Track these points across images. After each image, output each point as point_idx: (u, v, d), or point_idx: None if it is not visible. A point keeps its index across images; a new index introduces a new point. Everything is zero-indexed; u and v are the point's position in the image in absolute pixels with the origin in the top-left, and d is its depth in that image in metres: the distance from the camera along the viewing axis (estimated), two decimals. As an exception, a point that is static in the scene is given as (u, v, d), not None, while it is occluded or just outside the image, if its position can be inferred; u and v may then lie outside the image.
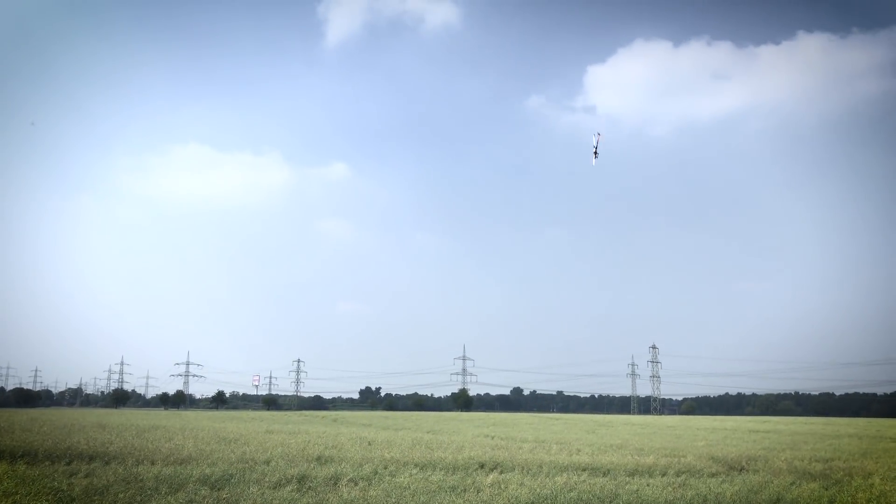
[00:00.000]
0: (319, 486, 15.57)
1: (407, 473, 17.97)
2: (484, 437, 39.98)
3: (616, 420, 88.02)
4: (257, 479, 15.75)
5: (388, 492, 14.53)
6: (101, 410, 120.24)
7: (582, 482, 17.42)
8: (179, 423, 46.69)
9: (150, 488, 13.78)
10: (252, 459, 19.74)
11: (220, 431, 34.15)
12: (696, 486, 17.21)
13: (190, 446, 22.89)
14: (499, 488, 15.83)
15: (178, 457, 19.58)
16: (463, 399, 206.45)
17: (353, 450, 24.42)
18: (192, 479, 15.08)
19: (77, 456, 19.15)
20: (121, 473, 15.60)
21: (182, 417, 67.05)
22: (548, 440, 37.16)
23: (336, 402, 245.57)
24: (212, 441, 26.48)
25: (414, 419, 79.60)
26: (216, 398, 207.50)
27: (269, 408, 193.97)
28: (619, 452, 28.19)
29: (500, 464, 21.45)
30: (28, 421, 38.45)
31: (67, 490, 12.82)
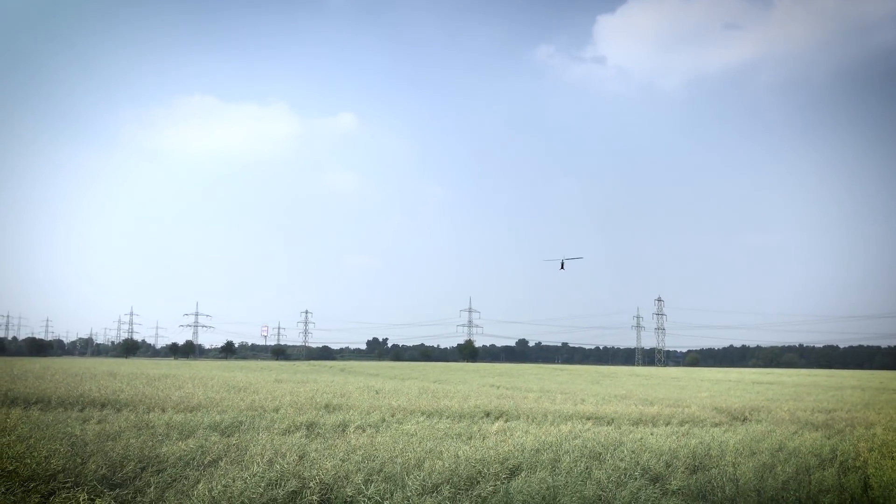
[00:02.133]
0: (328, 432, 15.81)
1: (414, 421, 18.21)
2: (489, 386, 40.42)
3: (620, 371, 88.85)
4: (267, 426, 16.00)
5: (395, 438, 14.74)
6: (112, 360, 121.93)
7: (586, 430, 17.62)
8: (189, 372, 47.31)
9: (162, 434, 14.02)
10: (261, 407, 20.03)
11: (229, 380, 34.61)
12: (699, 435, 17.39)
13: (200, 394, 23.22)
14: (504, 435, 16.04)
15: (188, 404, 19.88)
16: (469, 350, 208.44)
17: (361, 398, 24.74)
18: (202, 426, 15.33)
19: (89, 403, 19.47)
20: (132, 420, 15.87)
21: (191, 367, 67.93)
22: (552, 390, 37.56)
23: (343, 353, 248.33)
24: (221, 390, 26.85)
25: (420, 369, 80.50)
26: (225, 348, 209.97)
27: (278, 358, 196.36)
28: (623, 402, 28.47)
29: (506, 412, 21.73)
30: (41, 369, 39.03)
31: (81, 435, 13.04)
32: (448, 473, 11.22)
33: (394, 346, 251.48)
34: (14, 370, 36.12)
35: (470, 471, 11.60)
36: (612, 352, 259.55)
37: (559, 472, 12.00)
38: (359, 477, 10.49)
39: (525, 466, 12.41)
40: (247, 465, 11.02)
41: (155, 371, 44.68)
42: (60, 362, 70.94)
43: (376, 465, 11.51)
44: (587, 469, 12.45)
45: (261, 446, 12.68)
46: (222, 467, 10.87)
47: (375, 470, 11.17)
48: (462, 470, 11.53)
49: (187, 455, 11.63)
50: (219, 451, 12.11)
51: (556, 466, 12.53)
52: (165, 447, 12.18)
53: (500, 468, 11.94)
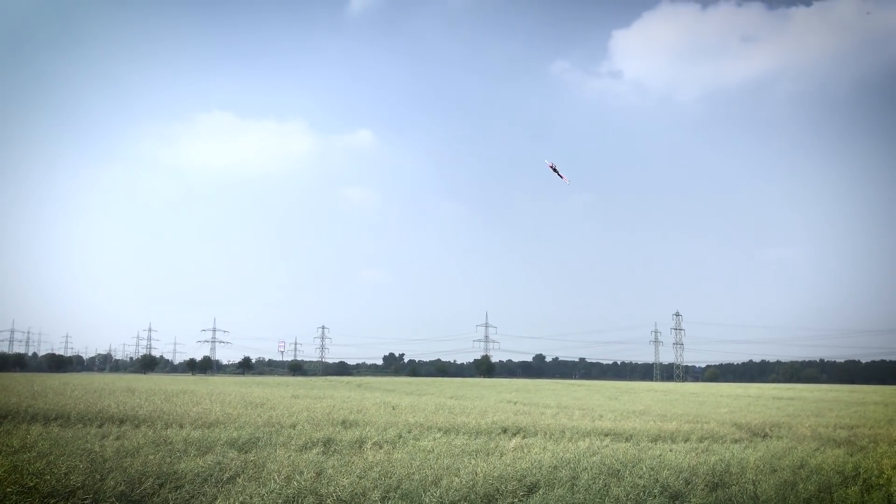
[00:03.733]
0: (345, 449, 15.80)
1: (431, 437, 18.16)
2: (506, 402, 40.23)
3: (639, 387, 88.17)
4: (284, 442, 16.00)
5: (412, 455, 14.70)
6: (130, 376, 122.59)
7: (605, 447, 17.49)
8: (206, 388, 47.49)
9: (180, 450, 14.06)
10: (278, 423, 20.05)
11: (246, 396, 34.68)
12: (719, 452, 17.22)
13: (217, 410, 23.28)
14: (522, 452, 15.95)
15: (206, 420, 19.93)
16: (485, 366, 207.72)
17: (378, 414, 24.71)
18: (219, 442, 15.37)
19: (108, 419, 19.57)
20: (151, 436, 15.93)
21: (209, 383, 68.17)
22: (570, 406, 37.31)
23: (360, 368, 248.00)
24: (239, 405, 26.90)
25: (437, 385, 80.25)
26: (242, 364, 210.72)
27: (295, 373, 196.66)
28: (641, 418, 28.25)
29: (523, 429, 21.61)
30: (60, 385, 39.34)
31: (100, 451, 13.11)
32: (465, 490, 11.17)
33: (410, 362, 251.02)
34: (34, 386, 36.41)
35: (487, 488, 11.55)
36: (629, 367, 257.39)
37: (577, 490, 11.92)
38: (376, 494, 10.47)
39: (543, 483, 12.33)
40: (264, 481, 11.04)
41: (173, 387, 44.87)
42: (79, 378, 71.43)
43: (393, 481, 11.49)
44: (605, 486, 12.35)
45: (278, 463, 12.69)
46: (240, 484, 10.89)
47: (393, 487, 11.15)
48: (479, 487, 11.48)
49: (205, 471, 11.66)
50: (236, 468, 12.14)
51: (574, 483, 12.45)
52: (183, 463, 12.22)
53: (518, 485, 11.88)
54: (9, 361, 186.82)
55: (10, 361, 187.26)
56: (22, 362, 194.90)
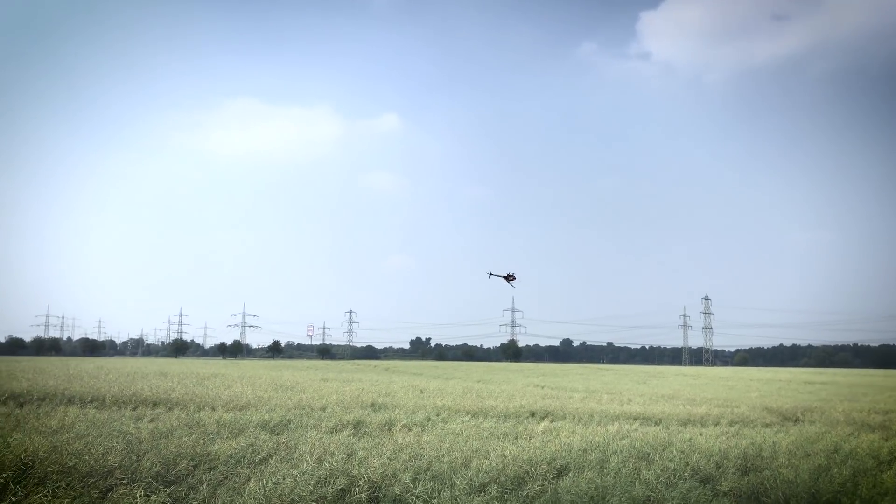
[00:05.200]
0: (374, 431, 15.92)
1: (459, 420, 18.23)
2: (534, 386, 40.25)
3: (667, 371, 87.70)
4: (314, 425, 16.16)
5: (441, 437, 14.77)
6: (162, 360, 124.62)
7: (634, 431, 17.44)
8: (237, 371, 48.09)
9: (213, 432, 14.26)
10: (309, 406, 20.25)
11: (276, 379, 35.07)
12: (750, 436, 17.08)
13: (248, 393, 23.57)
14: (550, 435, 15.96)
15: (238, 403, 20.19)
16: (512, 350, 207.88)
17: (406, 397, 24.85)
18: (251, 424, 15.56)
19: (142, 402, 19.91)
20: (184, 418, 16.17)
21: (240, 366, 69.04)
22: (598, 390, 37.24)
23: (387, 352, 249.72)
24: (269, 388, 27.21)
25: (464, 369, 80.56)
26: (272, 348, 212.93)
27: (323, 357, 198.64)
28: (670, 402, 28.11)
29: (551, 412, 21.61)
30: (94, 369, 40.09)
31: (135, 433, 13.34)
32: (495, 473, 11.21)
33: (437, 346, 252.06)
34: (70, 369, 37.14)
35: (517, 470, 11.57)
36: (658, 351, 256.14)
37: (607, 473, 11.90)
38: (406, 475, 10.54)
39: (573, 466, 12.33)
40: (296, 463, 11.16)
41: (204, 370, 45.49)
42: (113, 362, 72.74)
43: (423, 463, 11.56)
44: (636, 470, 12.33)
45: (310, 444, 12.82)
46: (272, 465, 11.03)
47: (423, 469, 11.22)
48: (509, 469, 11.51)
49: (238, 453, 11.82)
50: (269, 450, 12.29)
51: (604, 467, 12.43)
52: (216, 445, 12.40)
53: (548, 468, 11.89)
54: (45, 346, 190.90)
55: (45, 346, 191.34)
56: (57, 347, 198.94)
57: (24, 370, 33.58)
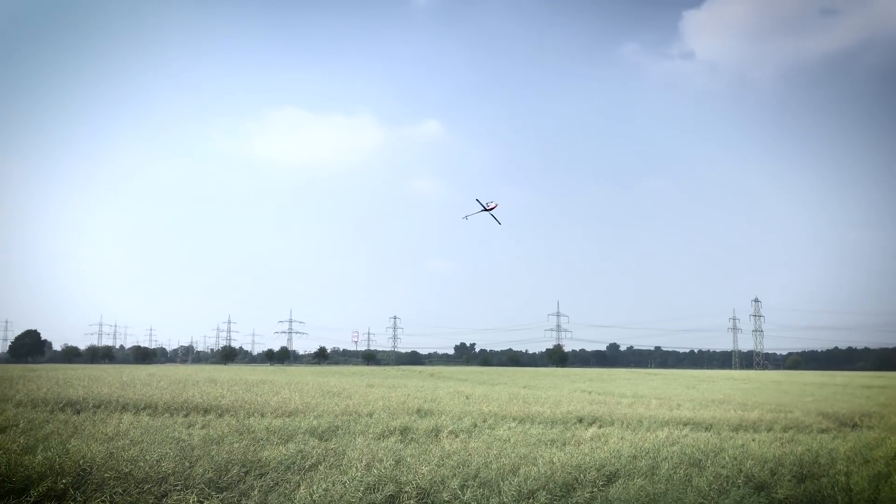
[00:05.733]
0: (421, 437, 15.95)
1: (506, 427, 18.16)
2: (581, 392, 39.89)
3: (717, 375, 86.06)
4: (362, 431, 16.27)
5: (488, 444, 14.73)
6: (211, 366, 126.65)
7: (684, 436, 17.17)
8: (285, 377, 48.63)
9: (262, 439, 14.46)
10: (356, 412, 20.39)
11: (323, 385, 35.38)
12: (805, 442, 16.67)
13: (296, 399, 23.82)
14: (599, 441, 15.80)
15: (286, 409, 20.43)
16: (558, 355, 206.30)
17: (452, 403, 24.85)
18: (300, 431, 15.72)
19: (193, 408, 20.27)
20: (234, 425, 16.42)
21: (287, 373, 69.80)
22: (646, 395, 36.73)
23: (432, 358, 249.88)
24: (316, 395, 27.47)
25: (509, 374, 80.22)
26: (318, 354, 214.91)
27: (369, 363, 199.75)
28: (721, 407, 27.60)
29: (599, 418, 21.38)
30: (147, 376, 40.94)
31: (187, 439, 13.59)
32: (544, 480, 11.13)
33: (482, 351, 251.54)
34: (123, 377, 37.98)
35: (566, 477, 11.48)
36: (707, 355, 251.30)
37: (658, 480, 11.73)
38: (454, 482, 10.54)
39: (622, 473, 12.18)
40: (345, 469, 11.24)
41: (253, 377, 46.12)
42: (164, 369, 74.24)
43: (471, 470, 11.53)
44: (687, 476, 12.13)
45: (358, 451, 12.90)
46: (322, 471, 11.13)
47: (471, 475, 11.19)
48: (558, 476, 11.42)
49: (288, 459, 11.95)
50: (318, 456, 12.40)
51: (654, 473, 12.26)
52: (266, 451, 12.56)
53: (597, 475, 11.77)
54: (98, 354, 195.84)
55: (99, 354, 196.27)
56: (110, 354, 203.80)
57: (79, 378, 34.46)
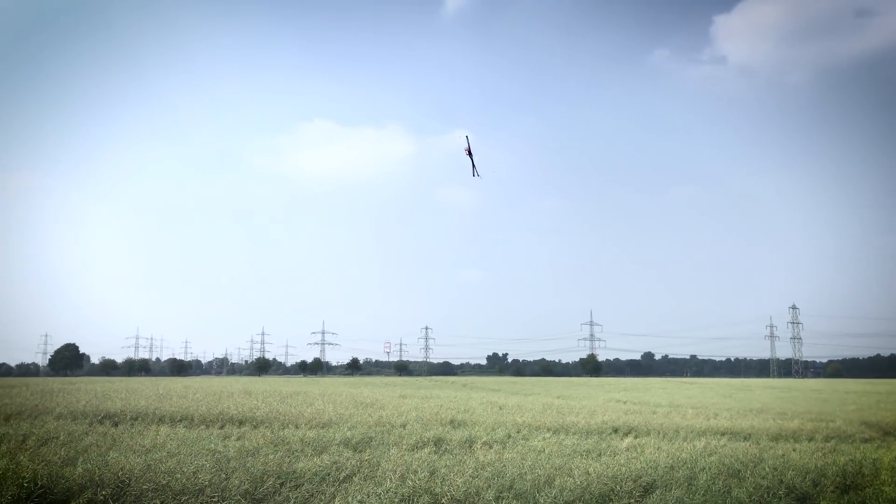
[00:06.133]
0: (455, 448, 15.89)
1: (540, 437, 18.02)
2: (615, 402, 39.48)
3: (754, 384, 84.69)
4: (396, 442, 16.26)
5: (522, 455, 14.63)
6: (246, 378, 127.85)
7: (722, 446, 16.89)
8: (318, 389, 48.86)
9: (297, 450, 14.51)
10: (389, 423, 20.39)
11: (356, 396, 35.47)
12: (848, 452, 16.29)
13: (330, 411, 23.90)
14: (635, 452, 15.60)
15: (320, 421, 20.50)
16: (591, 364, 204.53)
17: (485, 414, 24.74)
18: (334, 442, 15.76)
19: (228, 420, 20.45)
20: (269, 436, 16.51)
21: (320, 384, 70.14)
22: (683, 405, 36.24)
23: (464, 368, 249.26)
24: (350, 406, 27.54)
25: (542, 384, 79.70)
26: (350, 365, 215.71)
27: (401, 373, 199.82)
28: (759, 417, 27.12)
29: (635, 428, 21.14)
30: (182, 388, 41.41)
31: (223, 451, 13.70)
32: (580, 491, 11.02)
33: (514, 361, 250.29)
34: (159, 389, 38.47)
35: (602, 488, 11.35)
36: (744, 364, 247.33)
37: (696, 491, 11.55)
38: (490, 493, 10.47)
39: (659, 484, 12.01)
40: (379, 480, 11.24)
41: (287, 388, 46.41)
42: (199, 381, 75.02)
43: (506, 481, 11.46)
44: (726, 487, 11.92)
45: (392, 462, 12.89)
46: (356, 483, 11.14)
47: (506, 487, 11.12)
48: (594, 487, 11.30)
49: (322, 471, 11.98)
50: (352, 467, 12.41)
51: (692, 484, 12.07)
52: (301, 463, 12.60)
53: (634, 486, 11.62)
54: (135, 367, 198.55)
55: (135, 367, 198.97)
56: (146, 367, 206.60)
57: (117, 390, 34.98)
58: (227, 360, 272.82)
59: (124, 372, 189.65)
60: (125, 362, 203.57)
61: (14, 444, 14.19)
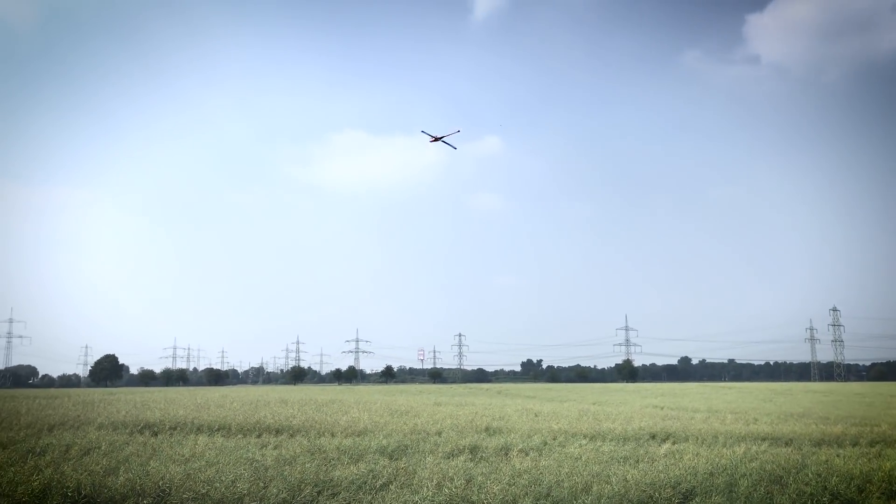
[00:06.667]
0: (491, 456, 15.83)
1: (577, 444, 17.88)
2: (652, 407, 39.01)
3: (795, 388, 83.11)
4: (431, 450, 16.25)
5: (559, 462, 14.52)
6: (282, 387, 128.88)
7: (763, 452, 16.59)
8: (353, 397, 49.08)
9: (333, 458, 14.59)
10: (424, 431, 20.39)
11: (391, 404, 35.53)
12: (894, 457, 15.86)
13: (365, 419, 23.99)
14: (674, 458, 15.39)
15: (356, 429, 20.58)
16: (627, 370, 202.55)
17: (521, 421, 24.62)
18: (370, 450, 15.82)
19: (265, 429, 20.63)
20: (305, 445, 16.63)
21: (355, 392, 70.44)
22: (721, 410, 35.69)
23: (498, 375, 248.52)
24: (385, 414, 27.60)
25: (578, 391, 79.09)
26: (385, 372, 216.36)
27: (435, 381, 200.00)
28: (801, 422, 26.60)
29: (672, 434, 20.87)
30: (219, 398, 41.90)
31: (261, 460, 13.83)
32: (618, 498, 10.90)
33: (549, 368, 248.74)
34: (197, 399, 38.97)
35: (640, 495, 11.22)
36: (783, 367, 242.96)
37: (737, 497, 11.38)
38: (527, 501, 10.42)
39: (699, 491, 11.84)
40: (416, 488, 11.24)
41: (322, 397, 46.68)
42: (236, 391, 75.85)
43: (543, 489, 11.38)
44: (768, 494, 11.71)
45: (428, 470, 12.89)
46: (393, 491, 11.15)
47: (542, 494, 11.05)
48: (632, 494, 11.18)
49: (359, 479, 12.02)
50: (388, 475, 12.43)
51: (732, 491, 11.88)
52: (338, 471, 12.66)
53: (673, 493, 11.46)
54: (173, 377, 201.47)
55: (174, 377, 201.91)
56: (184, 377, 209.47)
57: (155, 400, 35.51)
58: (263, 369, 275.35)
59: (162, 382, 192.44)
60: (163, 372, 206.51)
61: (58, 454, 14.48)
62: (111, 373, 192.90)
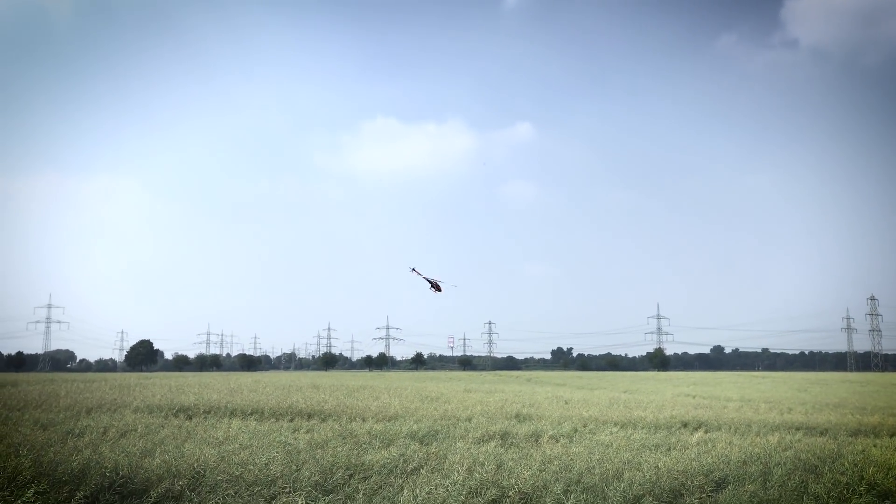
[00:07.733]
0: (521, 442, 15.85)
1: (607, 431, 17.83)
2: (684, 396, 38.74)
3: (831, 378, 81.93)
4: (461, 435, 16.31)
5: (590, 449, 14.49)
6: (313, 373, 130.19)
7: (797, 441, 16.40)
8: (384, 383, 49.44)
9: (365, 443, 14.72)
10: (454, 416, 20.48)
11: (421, 391, 35.73)
12: (933, 448, 15.58)
13: (396, 404, 24.15)
14: (706, 447, 15.28)
15: (386, 414, 20.74)
16: (659, 359, 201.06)
17: (551, 408, 24.60)
18: (401, 435, 15.92)
19: (297, 413, 20.87)
20: (337, 429, 16.79)
21: (385, 378, 70.95)
22: (755, 399, 35.32)
23: (528, 363, 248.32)
24: (415, 399, 27.77)
25: (608, 379, 78.79)
26: (415, 359, 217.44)
27: (465, 368, 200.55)
28: (837, 411, 26.23)
29: (705, 423, 20.71)
30: (252, 383, 42.48)
31: (294, 444, 13.99)
32: (649, 485, 10.84)
33: (579, 356, 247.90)
34: (230, 384, 39.55)
35: (672, 483, 11.15)
36: (819, 357, 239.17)
37: (771, 486, 11.25)
38: (557, 487, 10.41)
39: (732, 479, 11.73)
40: (447, 473, 11.29)
41: (353, 383, 47.08)
42: (269, 376, 76.77)
43: (574, 475, 11.37)
44: (802, 483, 11.55)
45: (459, 455, 12.95)
46: (424, 475, 11.22)
47: (573, 480, 11.03)
48: (664, 482, 11.11)
49: (390, 463, 12.11)
50: (419, 460, 12.52)
51: (766, 479, 11.75)
52: (369, 455, 12.77)
53: (705, 480, 11.37)
54: (206, 362, 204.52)
55: (207, 362, 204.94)
56: (218, 362, 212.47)
57: (190, 385, 36.12)
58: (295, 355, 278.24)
59: (196, 367, 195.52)
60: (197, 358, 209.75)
61: (96, 435, 14.80)
62: (146, 358, 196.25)
